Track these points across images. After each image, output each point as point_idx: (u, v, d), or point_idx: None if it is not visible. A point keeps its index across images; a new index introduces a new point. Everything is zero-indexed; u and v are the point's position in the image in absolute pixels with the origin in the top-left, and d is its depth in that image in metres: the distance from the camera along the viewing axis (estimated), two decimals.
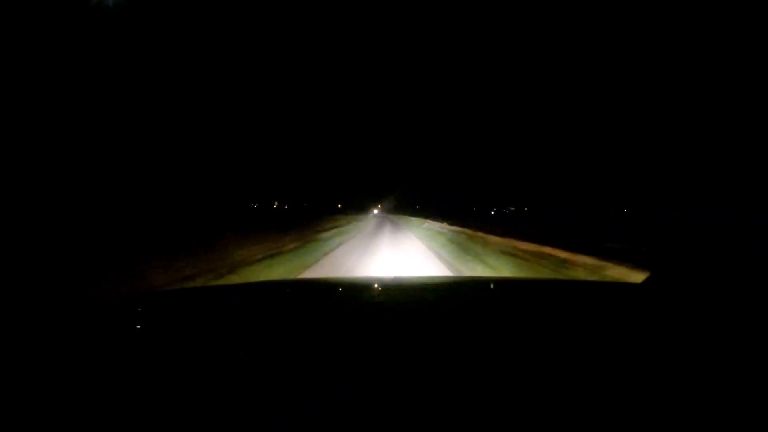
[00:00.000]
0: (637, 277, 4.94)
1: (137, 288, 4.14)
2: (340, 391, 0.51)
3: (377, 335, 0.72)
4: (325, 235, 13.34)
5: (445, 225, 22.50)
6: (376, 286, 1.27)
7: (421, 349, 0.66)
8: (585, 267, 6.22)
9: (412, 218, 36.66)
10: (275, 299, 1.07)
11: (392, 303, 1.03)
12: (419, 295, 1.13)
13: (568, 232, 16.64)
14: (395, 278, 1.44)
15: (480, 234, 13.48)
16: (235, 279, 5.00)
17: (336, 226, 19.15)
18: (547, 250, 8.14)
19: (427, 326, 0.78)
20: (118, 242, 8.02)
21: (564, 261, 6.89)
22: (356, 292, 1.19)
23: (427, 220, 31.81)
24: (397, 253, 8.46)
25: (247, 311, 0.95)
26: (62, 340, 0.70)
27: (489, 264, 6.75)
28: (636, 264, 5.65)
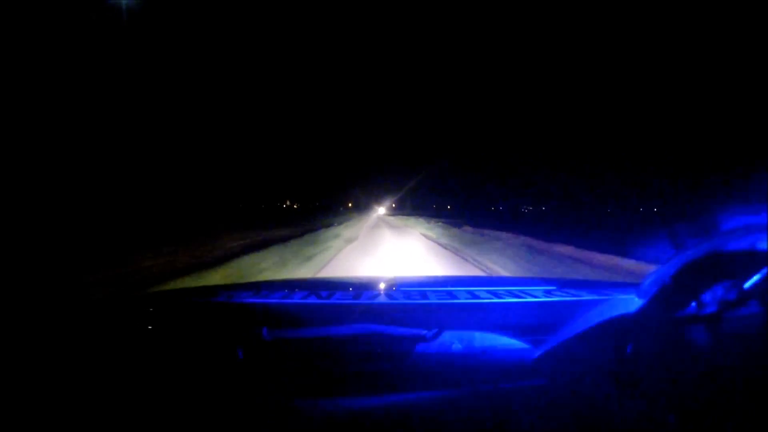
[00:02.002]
0: None
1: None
2: (341, 391, 0.50)
3: (378, 336, 0.70)
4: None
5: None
6: (376, 285, 1.26)
7: (422, 349, 0.65)
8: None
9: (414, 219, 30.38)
10: (276, 299, 1.05)
11: (394, 303, 1.02)
12: (421, 295, 1.10)
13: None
14: (396, 278, 1.42)
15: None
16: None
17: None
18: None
19: (429, 326, 0.76)
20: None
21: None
22: (356, 292, 1.17)
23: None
24: None
25: (246, 311, 0.93)
26: (60, 339, 0.69)
27: None
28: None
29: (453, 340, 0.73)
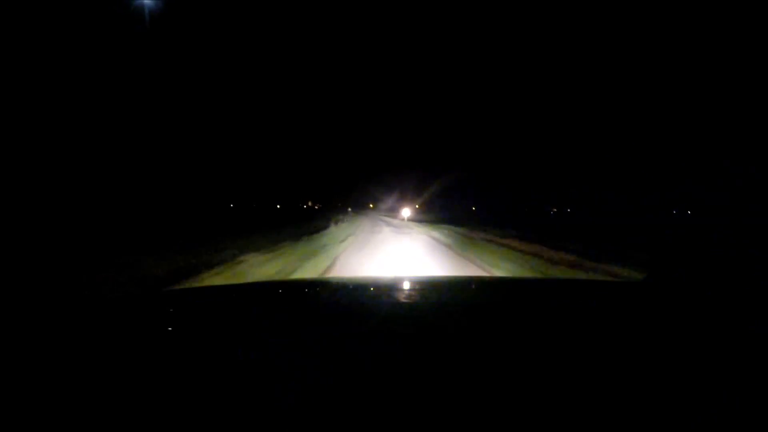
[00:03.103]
0: None
1: None
2: (342, 391, 0.51)
3: (379, 336, 0.73)
4: None
5: None
6: (377, 285, 1.31)
7: (423, 349, 0.66)
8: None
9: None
10: (277, 300, 1.09)
11: (394, 303, 1.02)
12: (421, 296, 1.14)
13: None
14: (397, 278, 1.49)
15: None
16: None
17: None
18: None
19: (430, 327, 0.79)
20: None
21: None
22: (357, 292, 1.20)
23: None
24: None
25: (248, 312, 0.94)
26: (63, 339, 0.70)
27: None
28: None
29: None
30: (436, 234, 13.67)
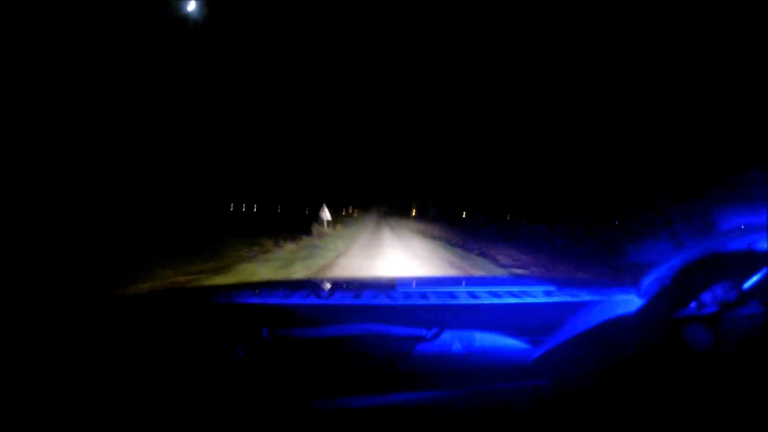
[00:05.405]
0: None
1: None
2: (341, 391, 0.50)
3: (378, 336, 0.71)
4: None
5: None
6: (377, 285, 1.31)
7: (422, 348, 0.66)
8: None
9: None
10: (276, 299, 1.06)
11: (394, 304, 1.03)
12: (421, 296, 1.12)
13: None
14: (396, 278, 1.46)
15: None
16: None
17: None
18: None
19: (429, 327, 0.77)
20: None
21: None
22: (357, 292, 1.16)
23: None
24: None
25: (246, 311, 0.95)
26: (63, 338, 0.70)
27: None
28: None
29: (453, 339, 0.74)
30: None
